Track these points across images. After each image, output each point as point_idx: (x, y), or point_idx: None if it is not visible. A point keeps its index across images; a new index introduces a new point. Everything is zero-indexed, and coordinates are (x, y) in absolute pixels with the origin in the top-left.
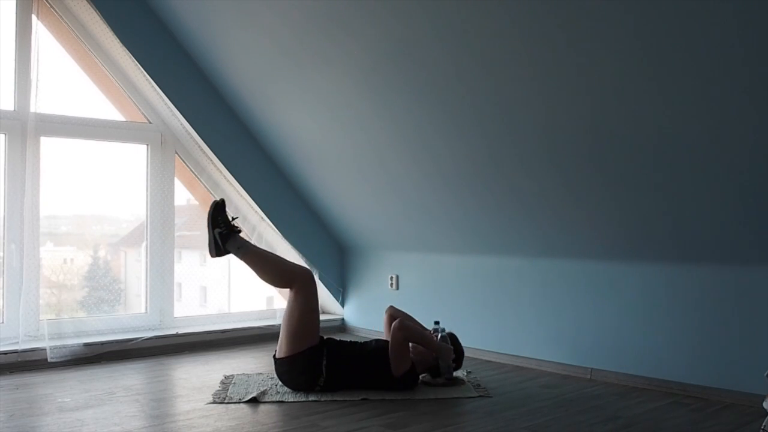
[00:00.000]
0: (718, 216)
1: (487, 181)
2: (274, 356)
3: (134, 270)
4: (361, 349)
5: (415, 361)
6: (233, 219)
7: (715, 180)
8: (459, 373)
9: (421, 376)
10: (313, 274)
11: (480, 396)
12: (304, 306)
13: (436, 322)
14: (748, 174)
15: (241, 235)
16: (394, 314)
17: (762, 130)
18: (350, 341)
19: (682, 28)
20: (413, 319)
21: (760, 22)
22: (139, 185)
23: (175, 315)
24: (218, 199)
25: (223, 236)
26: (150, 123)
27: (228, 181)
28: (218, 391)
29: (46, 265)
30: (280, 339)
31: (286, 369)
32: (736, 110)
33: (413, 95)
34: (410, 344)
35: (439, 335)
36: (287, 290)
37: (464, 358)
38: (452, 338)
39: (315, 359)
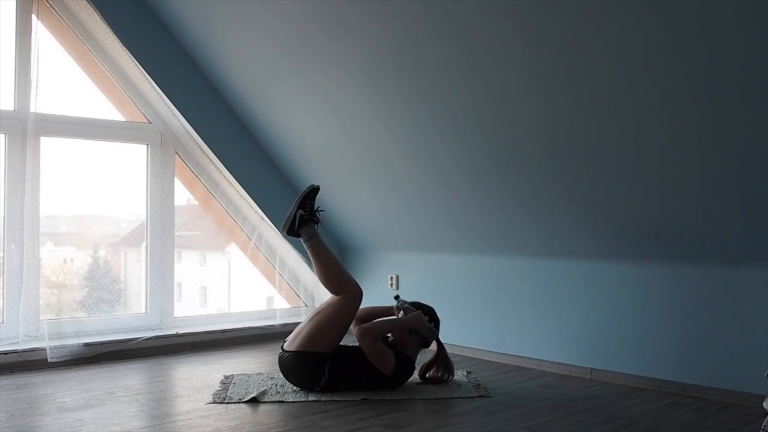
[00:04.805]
0: (719, 216)
1: (487, 181)
2: (282, 346)
3: (134, 270)
4: (359, 352)
5: (401, 346)
6: (318, 209)
7: (715, 181)
8: (459, 373)
9: (422, 374)
10: (362, 296)
11: (480, 396)
12: (338, 317)
13: (396, 297)
14: (748, 175)
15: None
16: (356, 317)
17: (759, 132)
18: (353, 346)
19: (682, 29)
20: (373, 307)
21: (760, 24)
22: (139, 185)
23: (175, 315)
24: (315, 184)
25: (303, 220)
26: (150, 123)
27: (228, 181)
28: (218, 391)
29: (46, 265)
30: (296, 332)
31: (291, 362)
32: (734, 113)
33: (414, 95)
34: (389, 336)
35: (402, 311)
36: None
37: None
38: (414, 304)
39: (321, 363)
